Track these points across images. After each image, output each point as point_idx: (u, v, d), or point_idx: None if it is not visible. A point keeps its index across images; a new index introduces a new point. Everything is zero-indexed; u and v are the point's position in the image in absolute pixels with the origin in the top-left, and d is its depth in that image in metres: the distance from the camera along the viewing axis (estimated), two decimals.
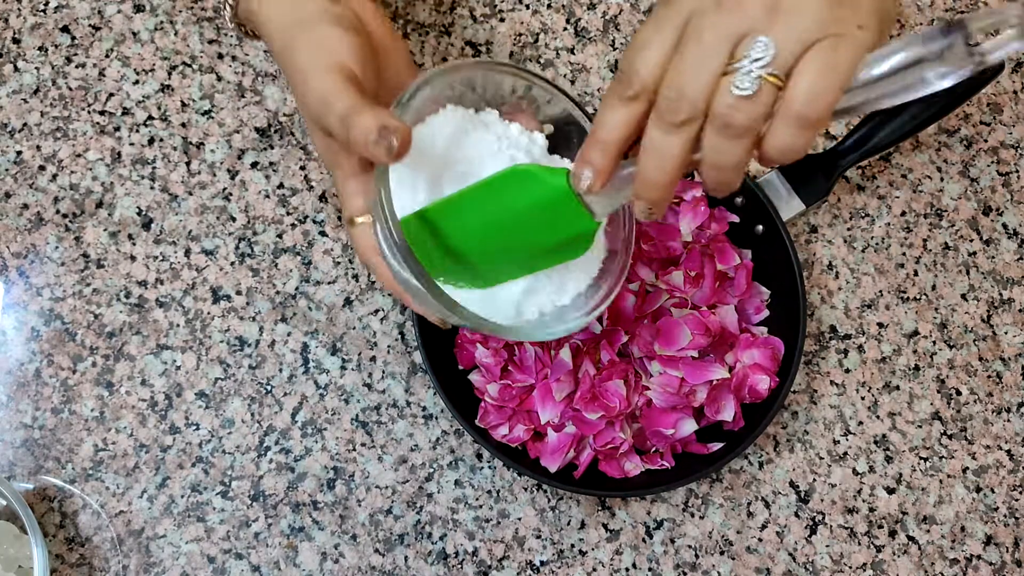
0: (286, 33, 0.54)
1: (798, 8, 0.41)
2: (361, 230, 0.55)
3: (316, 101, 0.51)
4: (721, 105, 0.42)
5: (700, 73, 0.42)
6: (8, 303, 0.74)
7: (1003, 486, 0.77)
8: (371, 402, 0.74)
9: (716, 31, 0.42)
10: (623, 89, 0.45)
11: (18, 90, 0.78)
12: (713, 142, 0.44)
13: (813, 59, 0.41)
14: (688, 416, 0.71)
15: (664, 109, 0.43)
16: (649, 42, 0.44)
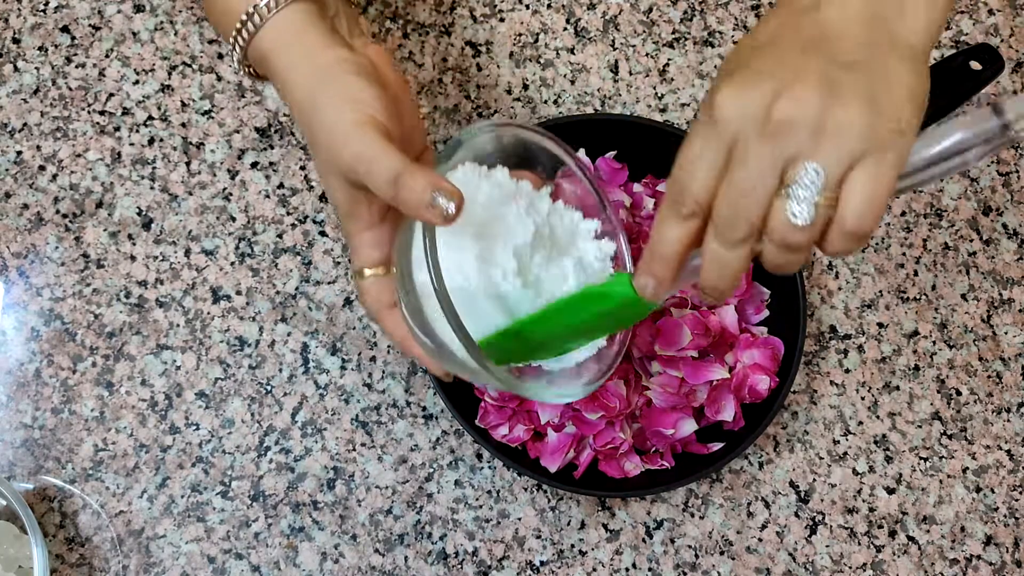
0: (306, 83, 0.53)
1: (842, 128, 0.42)
2: (371, 283, 0.55)
3: (353, 158, 0.50)
4: (779, 228, 0.44)
5: (753, 196, 0.44)
6: (8, 303, 0.74)
7: (1003, 486, 0.77)
8: (371, 402, 0.74)
9: (763, 158, 0.43)
10: (678, 207, 0.46)
11: (18, 90, 0.78)
12: (773, 254, 0.46)
13: (860, 178, 0.42)
14: (688, 416, 0.71)
15: (722, 228, 0.45)
16: (698, 161, 0.45)
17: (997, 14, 0.87)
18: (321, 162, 0.53)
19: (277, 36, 0.54)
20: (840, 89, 0.42)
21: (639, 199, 0.75)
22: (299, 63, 0.53)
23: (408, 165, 0.49)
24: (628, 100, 0.82)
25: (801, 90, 0.42)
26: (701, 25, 0.85)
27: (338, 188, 0.53)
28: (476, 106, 0.81)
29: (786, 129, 0.42)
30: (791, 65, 0.43)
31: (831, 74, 0.43)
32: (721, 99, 0.44)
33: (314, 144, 0.53)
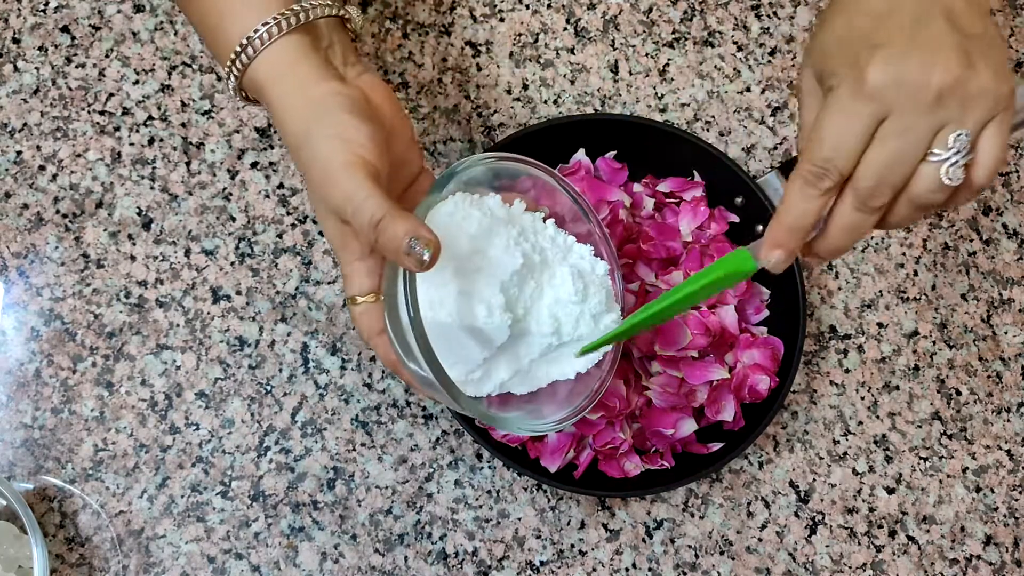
0: (299, 116, 0.53)
1: (981, 95, 0.46)
2: (363, 309, 0.56)
3: (342, 198, 0.51)
4: (925, 190, 0.47)
5: (904, 165, 0.47)
6: (8, 303, 0.74)
7: (1003, 486, 0.77)
8: (371, 402, 0.74)
9: (919, 129, 0.46)
10: (820, 181, 0.48)
11: (18, 90, 0.78)
12: (904, 214, 0.49)
13: (991, 136, 0.47)
14: (688, 416, 0.71)
15: (865, 196, 0.47)
16: (846, 137, 0.47)
17: (997, 14, 0.87)
18: (313, 196, 0.54)
19: (271, 67, 0.54)
20: (975, 59, 0.46)
21: (639, 199, 0.75)
22: (292, 95, 0.54)
23: (390, 210, 0.50)
24: (628, 100, 0.82)
25: (949, 62, 0.45)
26: (701, 25, 0.85)
27: (328, 221, 0.54)
28: (476, 106, 0.81)
29: (941, 100, 0.45)
30: (927, 38, 0.46)
31: (964, 45, 0.46)
32: (875, 74, 0.45)
33: (307, 178, 0.54)
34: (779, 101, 0.83)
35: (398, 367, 0.57)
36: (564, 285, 0.60)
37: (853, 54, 0.47)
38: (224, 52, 0.54)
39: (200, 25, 0.57)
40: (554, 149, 0.76)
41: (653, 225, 0.74)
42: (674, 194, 0.76)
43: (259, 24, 0.53)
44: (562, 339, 0.60)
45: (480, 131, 0.81)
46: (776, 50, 0.84)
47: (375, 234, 0.50)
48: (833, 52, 0.49)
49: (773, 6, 0.86)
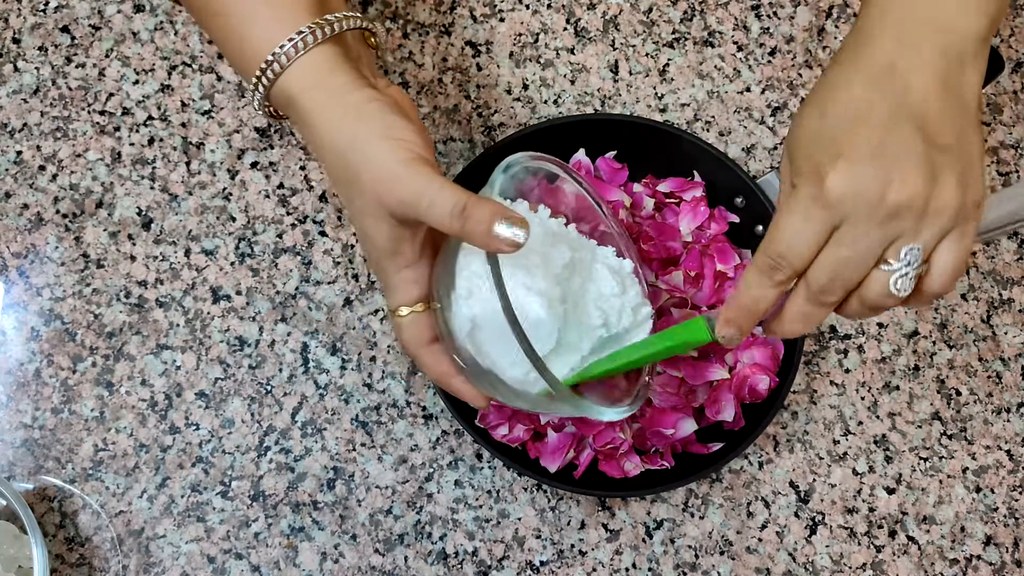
0: (341, 124, 0.53)
1: (941, 210, 0.47)
2: (410, 320, 0.56)
3: (411, 194, 0.50)
4: (875, 295, 0.49)
5: (854, 270, 0.48)
6: (8, 303, 0.74)
7: (1003, 486, 0.77)
8: (371, 402, 0.74)
9: (871, 240, 0.47)
10: (774, 273, 0.50)
11: (18, 90, 0.78)
12: (855, 310, 0.50)
13: (948, 249, 0.48)
14: (688, 416, 0.71)
15: (816, 291, 0.49)
16: (802, 237, 0.48)
17: None
18: (363, 203, 0.53)
19: (304, 78, 0.53)
20: (939, 172, 0.46)
21: (639, 199, 0.75)
22: (330, 105, 0.53)
23: (471, 196, 0.50)
24: (628, 100, 0.82)
25: (908, 177, 0.46)
26: (701, 25, 0.85)
27: (380, 227, 0.53)
28: (476, 106, 0.81)
29: (895, 215, 0.46)
30: (895, 148, 0.46)
31: (931, 157, 0.46)
32: (834, 182, 0.47)
33: (354, 184, 0.53)
34: (779, 101, 0.83)
35: (449, 377, 0.56)
36: (605, 280, 0.60)
37: (818, 158, 0.48)
38: (250, 64, 0.54)
39: (222, 38, 0.56)
40: (554, 149, 0.76)
41: (653, 225, 0.74)
42: (674, 194, 0.76)
43: (289, 36, 0.52)
44: (610, 331, 0.61)
45: (480, 131, 0.81)
46: (776, 50, 0.84)
47: (461, 221, 0.49)
48: (801, 149, 0.50)
49: (773, 6, 0.86)
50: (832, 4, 0.86)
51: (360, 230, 0.55)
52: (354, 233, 0.76)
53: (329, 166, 0.54)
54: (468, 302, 0.53)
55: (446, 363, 0.56)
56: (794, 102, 0.83)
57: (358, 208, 0.53)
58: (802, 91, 0.84)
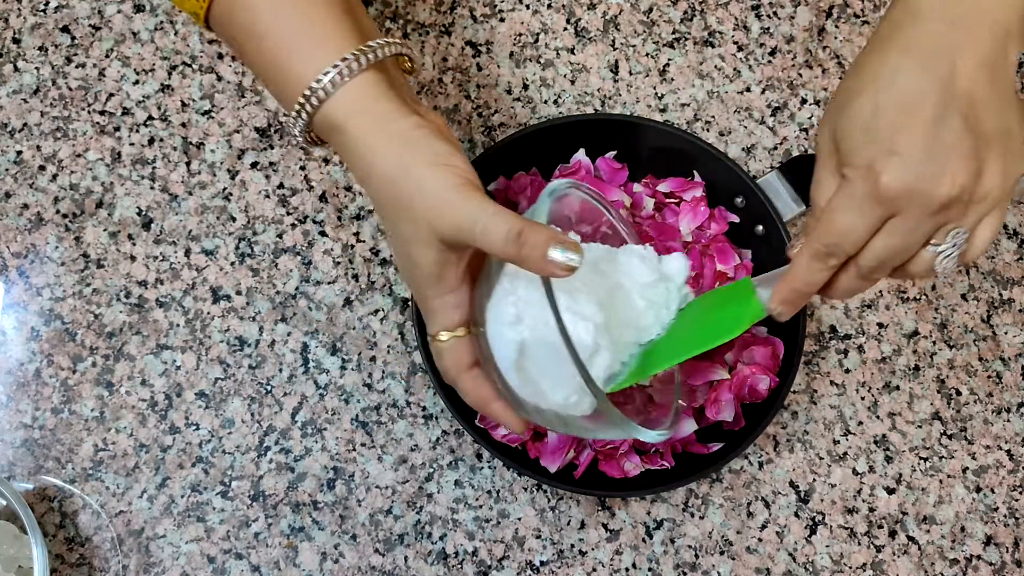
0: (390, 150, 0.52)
1: (984, 198, 0.50)
2: (451, 345, 0.56)
3: (465, 219, 0.51)
4: (919, 270, 0.52)
5: (905, 253, 0.52)
6: (8, 303, 0.74)
7: (1003, 486, 0.77)
8: (371, 402, 0.74)
9: (923, 229, 0.50)
10: (828, 259, 0.53)
11: (18, 90, 0.78)
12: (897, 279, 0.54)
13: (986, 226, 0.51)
14: (688, 416, 0.71)
15: (867, 270, 0.53)
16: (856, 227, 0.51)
17: None
18: (413, 229, 0.53)
19: (349, 105, 0.53)
20: (984, 164, 0.49)
21: (639, 199, 0.75)
22: (377, 132, 0.53)
23: (526, 221, 0.50)
24: (628, 100, 0.82)
25: (959, 172, 0.49)
26: (701, 25, 0.85)
27: (427, 253, 0.53)
28: (476, 106, 0.81)
29: (947, 206, 0.50)
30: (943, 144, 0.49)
31: (978, 149, 0.49)
32: (890, 183, 0.49)
33: (405, 211, 0.53)
34: (779, 101, 0.83)
35: (490, 402, 0.56)
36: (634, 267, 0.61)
37: (871, 153, 0.50)
38: (292, 91, 0.53)
39: (260, 63, 0.56)
40: (554, 149, 0.76)
41: (653, 225, 0.74)
42: (674, 194, 0.76)
43: (333, 62, 0.52)
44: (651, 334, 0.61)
45: (480, 131, 0.81)
46: (776, 50, 0.84)
47: (517, 246, 0.50)
48: (854, 140, 0.51)
49: (773, 6, 0.86)
50: (832, 4, 0.86)
51: (404, 256, 0.55)
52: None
53: (377, 193, 0.54)
54: (516, 327, 0.53)
55: (487, 388, 0.56)
56: (794, 102, 0.83)
57: (406, 234, 0.53)
58: (802, 91, 0.84)
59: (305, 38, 0.54)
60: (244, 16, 0.55)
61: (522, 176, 0.75)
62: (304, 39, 0.54)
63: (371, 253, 0.77)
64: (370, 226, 0.78)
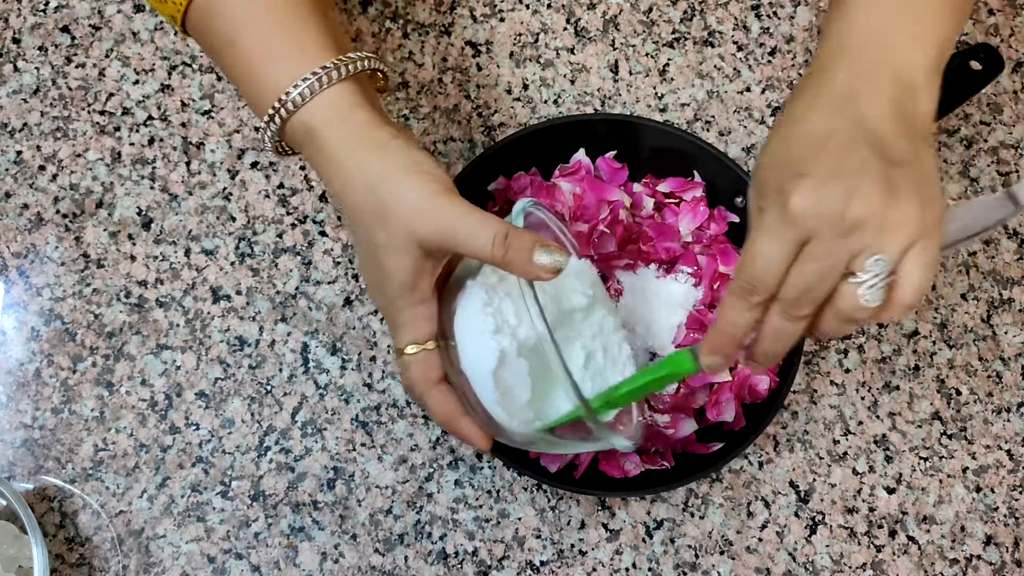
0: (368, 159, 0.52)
1: (902, 223, 0.49)
2: (420, 358, 0.55)
3: (447, 224, 0.51)
4: (847, 307, 0.50)
5: (823, 283, 0.50)
6: (8, 303, 0.74)
7: (1003, 486, 0.77)
8: (371, 402, 0.74)
9: (836, 254, 0.49)
10: (751, 296, 0.51)
11: (18, 90, 0.78)
12: (831, 325, 0.52)
13: (915, 261, 0.49)
14: (688, 416, 0.71)
15: (789, 307, 0.51)
16: (772, 258, 0.50)
17: (997, 14, 0.87)
18: (389, 236, 0.52)
19: (325, 113, 0.53)
20: (897, 188, 0.49)
21: (639, 199, 0.75)
22: (354, 140, 0.53)
23: (511, 226, 0.51)
24: (628, 100, 0.82)
25: (868, 192, 0.48)
26: (701, 25, 0.85)
27: (402, 261, 0.53)
28: (476, 106, 0.81)
29: (858, 228, 0.48)
30: (853, 167, 0.49)
31: (889, 174, 0.49)
32: (798, 201, 0.49)
33: (382, 217, 0.52)
34: (779, 101, 0.83)
35: (457, 417, 0.56)
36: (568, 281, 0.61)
37: (781, 180, 0.50)
38: (266, 97, 0.54)
39: (236, 69, 0.56)
40: (554, 149, 0.76)
41: (653, 225, 0.74)
42: (674, 194, 0.76)
43: (312, 70, 0.52)
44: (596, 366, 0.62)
45: (480, 131, 0.81)
46: (776, 50, 0.84)
47: (503, 249, 0.50)
48: (767, 174, 0.52)
49: (773, 6, 0.86)
50: None
51: (375, 266, 0.54)
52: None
53: (352, 201, 0.53)
54: (497, 336, 0.53)
55: (453, 402, 0.56)
56: None
57: (380, 242, 0.53)
58: None
59: (283, 47, 0.54)
60: (221, 23, 0.55)
61: (522, 176, 0.76)
62: (282, 48, 0.54)
63: None
64: None
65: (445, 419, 0.56)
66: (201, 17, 0.56)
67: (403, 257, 0.53)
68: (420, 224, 0.51)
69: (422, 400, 0.56)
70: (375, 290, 0.56)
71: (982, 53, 0.76)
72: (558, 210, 0.73)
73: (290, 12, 0.54)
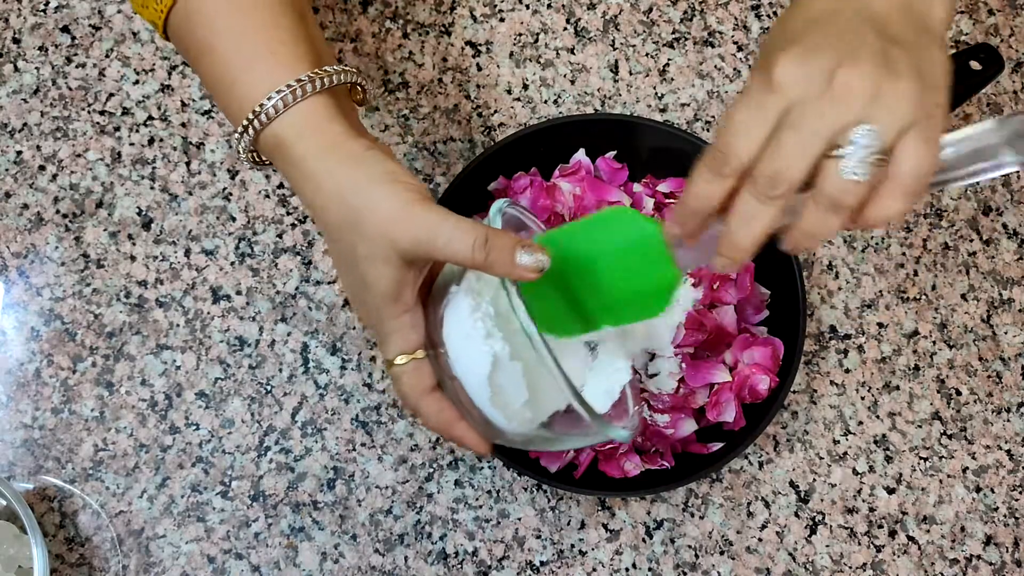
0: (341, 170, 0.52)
1: (896, 97, 0.44)
2: (410, 367, 0.54)
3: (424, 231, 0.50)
4: (831, 187, 0.45)
5: (802, 157, 0.45)
6: (8, 303, 0.74)
7: (1003, 486, 0.77)
8: (371, 402, 0.74)
9: (821, 122, 0.44)
10: (719, 167, 0.47)
11: (18, 90, 0.78)
12: (815, 216, 0.46)
13: (914, 139, 0.44)
14: (688, 416, 0.71)
15: (762, 184, 0.46)
16: (748, 125, 0.46)
17: (997, 14, 0.87)
18: (367, 247, 0.52)
19: (299, 125, 0.53)
20: (895, 63, 0.45)
21: (639, 199, 0.75)
22: (328, 152, 0.52)
23: (491, 229, 0.50)
24: (628, 100, 0.82)
25: (861, 61, 0.44)
26: (701, 25, 0.85)
27: (384, 272, 0.52)
28: (476, 106, 0.81)
29: (845, 95, 0.44)
30: (848, 39, 0.45)
31: (886, 49, 0.45)
32: (783, 66, 0.45)
33: (358, 228, 0.52)
34: None
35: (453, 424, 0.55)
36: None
37: (770, 53, 0.47)
38: (241, 107, 0.53)
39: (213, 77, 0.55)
40: (554, 149, 0.76)
41: None
42: (674, 194, 0.76)
43: (287, 82, 0.52)
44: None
45: (480, 131, 0.81)
46: None
47: (484, 252, 0.49)
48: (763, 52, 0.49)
49: (773, 6, 0.86)
50: None
51: (357, 279, 0.53)
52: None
53: (326, 213, 0.53)
54: (489, 341, 0.53)
55: (448, 408, 0.55)
56: None
57: (360, 254, 0.52)
58: None
59: (260, 57, 0.53)
60: (199, 30, 0.55)
61: (522, 176, 0.76)
62: (259, 58, 0.53)
63: None
64: None
65: (442, 426, 0.55)
66: (181, 23, 0.55)
67: (385, 267, 0.52)
68: (398, 233, 0.51)
69: (416, 409, 0.55)
70: (358, 303, 0.55)
71: (982, 53, 0.76)
72: (558, 210, 0.73)
73: (269, 22, 0.54)
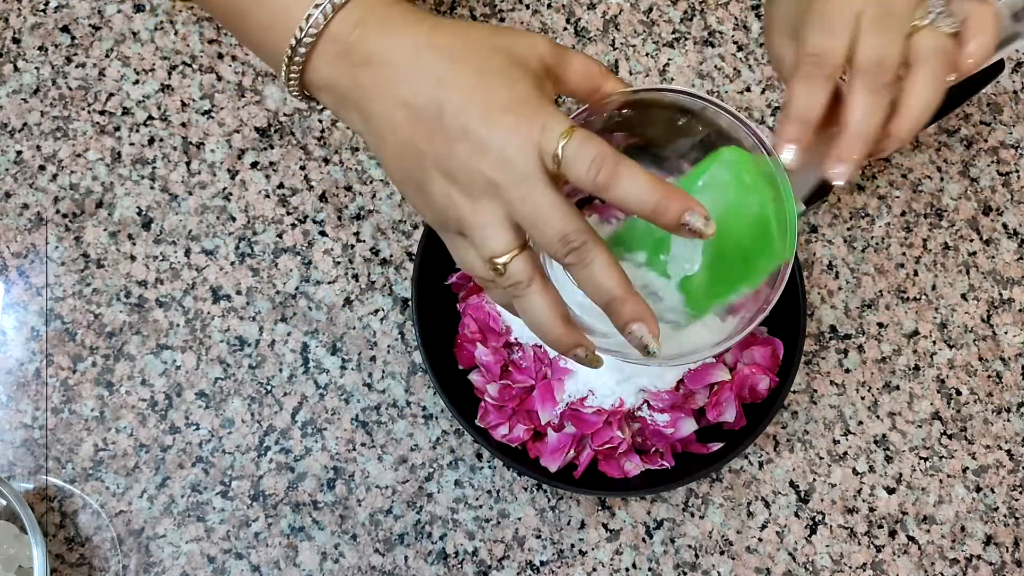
0: (460, 26, 0.48)
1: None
2: (524, 256, 0.47)
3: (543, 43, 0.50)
4: (928, 49, 0.49)
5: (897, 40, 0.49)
6: (8, 303, 0.74)
7: (1003, 486, 0.77)
8: (371, 402, 0.74)
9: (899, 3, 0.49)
10: (820, 71, 0.49)
11: (18, 90, 0.78)
12: (924, 85, 0.50)
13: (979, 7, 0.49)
14: (688, 416, 0.71)
15: (871, 76, 0.49)
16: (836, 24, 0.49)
17: None
18: (490, 60, 0.47)
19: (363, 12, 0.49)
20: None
21: None
22: (411, 20, 0.49)
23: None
24: None
25: None
26: (701, 25, 0.85)
27: (523, 76, 0.48)
28: None
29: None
30: None
31: None
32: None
33: (465, 33, 0.48)
34: (779, 101, 0.83)
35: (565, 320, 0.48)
36: None
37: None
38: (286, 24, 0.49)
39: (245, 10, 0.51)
40: None
41: None
42: None
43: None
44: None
45: None
46: None
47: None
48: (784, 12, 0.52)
49: None
50: None
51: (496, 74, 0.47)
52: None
53: (427, 70, 0.47)
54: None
55: (562, 302, 0.49)
56: None
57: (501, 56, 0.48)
58: None
59: None
60: None
61: None
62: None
63: (371, 253, 0.77)
64: (370, 226, 0.78)
65: (555, 319, 0.48)
66: None
67: (522, 70, 0.48)
68: (512, 38, 0.49)
69: (525, 298, 0.48)
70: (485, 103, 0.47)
71: None
72: None
73: None
